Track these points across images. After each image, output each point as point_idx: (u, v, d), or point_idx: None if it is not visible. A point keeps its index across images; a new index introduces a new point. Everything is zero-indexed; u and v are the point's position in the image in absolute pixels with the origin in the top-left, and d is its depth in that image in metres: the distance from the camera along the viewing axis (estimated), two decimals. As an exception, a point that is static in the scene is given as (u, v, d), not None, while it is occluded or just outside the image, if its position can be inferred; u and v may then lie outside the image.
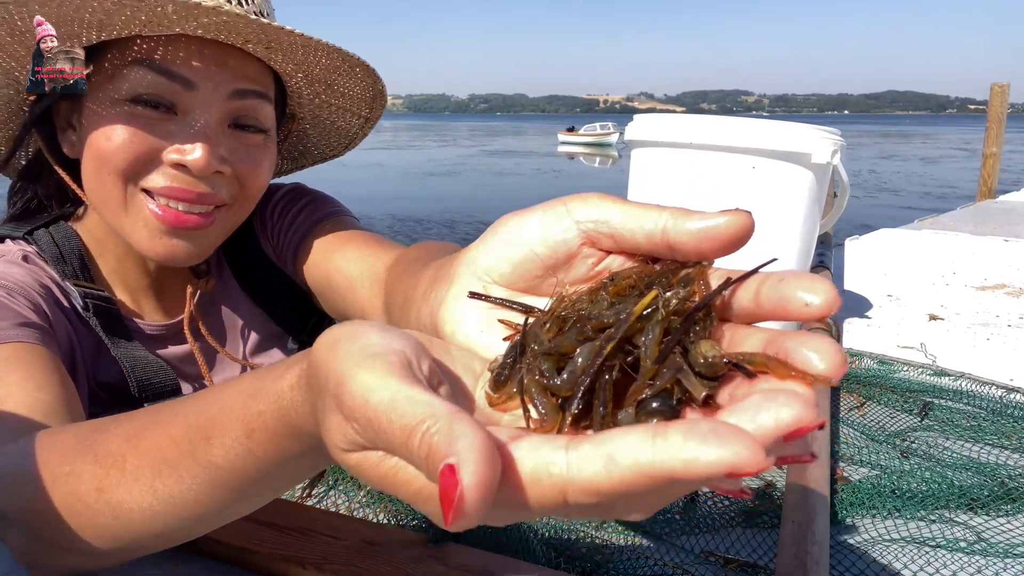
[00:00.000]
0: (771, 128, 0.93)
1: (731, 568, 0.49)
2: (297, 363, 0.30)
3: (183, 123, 0.60)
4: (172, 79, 0.59)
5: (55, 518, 0.40)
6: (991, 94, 7.07)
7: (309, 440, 0.31)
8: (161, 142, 0.59)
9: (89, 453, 0.40)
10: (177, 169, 0.60)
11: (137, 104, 0.58)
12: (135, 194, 0.60)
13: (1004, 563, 0.50)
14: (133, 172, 0.60)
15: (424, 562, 0.45)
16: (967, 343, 1.04)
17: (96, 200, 0.62)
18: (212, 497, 0.37)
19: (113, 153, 0.59)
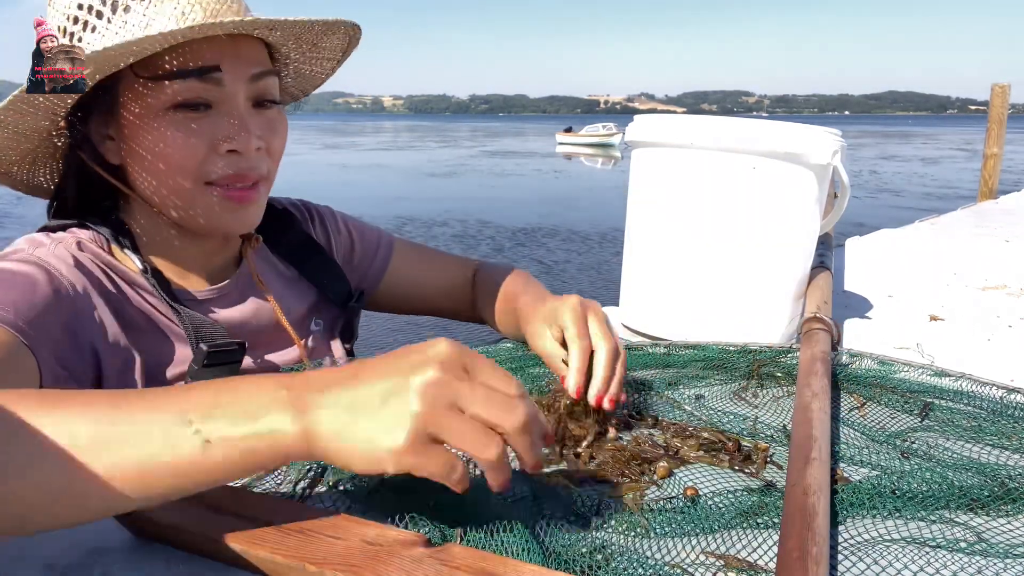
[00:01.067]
0: (772, 129, 0.93)
1: (731, 568, 0.49)
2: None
3: (220, 115, 0.70)
4: (205, 80, 0.68)
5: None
6: (992, 95, 7.07)
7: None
8: (211, 137, 0.70)
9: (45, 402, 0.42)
10: (231, 155, 0.71)
11: (179, 110, 0.68)
12: (200, 185, 0.71)
13: (1004, 563, 0.50)
14: (201, 171, 0.70)
15: (424, 562, 0.45)
16: (968, 343, 1.04)
17: (158, 196, 0.72)
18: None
19: (178, 158, 0.69)
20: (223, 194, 0.72)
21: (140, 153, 0.70)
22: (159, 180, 0.71)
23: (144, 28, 0.66)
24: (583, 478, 0.61)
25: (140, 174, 0.71)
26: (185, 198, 0.72)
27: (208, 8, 0.68)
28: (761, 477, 0.63)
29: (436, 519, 0.52)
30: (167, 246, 0.78)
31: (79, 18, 0.68)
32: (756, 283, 0.98)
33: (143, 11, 0.67)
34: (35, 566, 0.49)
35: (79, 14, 0.68)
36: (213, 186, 0.71)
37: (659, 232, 1.02)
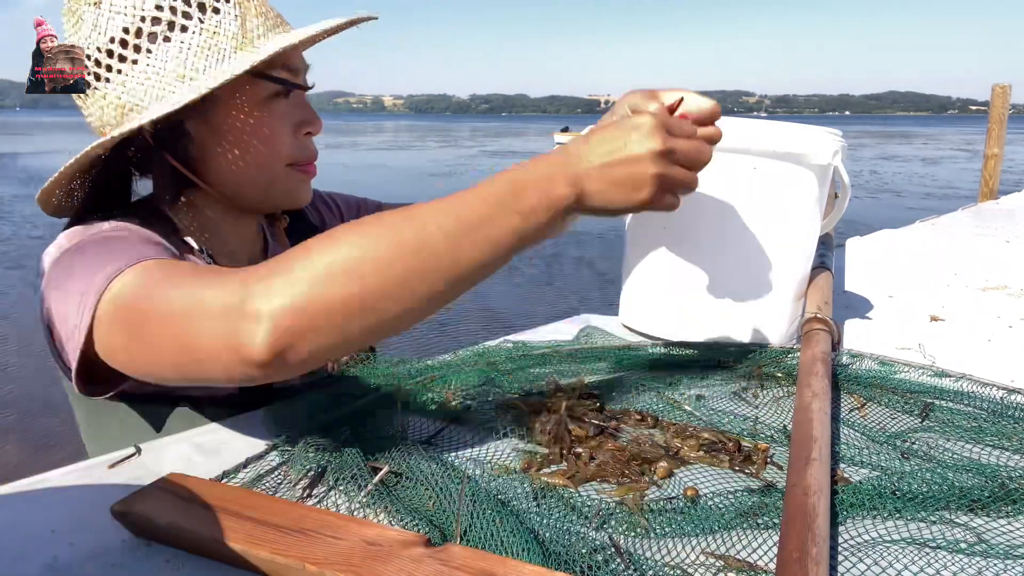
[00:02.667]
0: (772, 129, 0.93)
1: (731, 569, 0.49)
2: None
3: (295, 102, 0.80)
4: (293, 73, 0.78)
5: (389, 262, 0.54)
6: (992, 95, 7.06)
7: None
8: (293, 122, 0.79)
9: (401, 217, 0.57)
10: (307, 138, 0.81)
11: (273, 100, 0.77)
12: (285, 166, 0.80)
13: (1005, 564, 0.50)
14: (287, 153, 0.79)
15: (424, 562, 0.45)
16: (968, 344, 1.04)
17: (244, 180, 0.79)
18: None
19: (277, 143, 0.78)
20: (298, 170, 0.81)
21: (243, 141, 0.76)
22: (253, 165, 0.78)
23: (240, 28, 0.73)
24: (583, 478, 0.61)
25: (234, 161, 0.77)
26: (273, 178, 0.80)
27: (269, 7, 0.77)
28: (761, 477, 0.63)
29: (436, 519, 0.52)
30: (214, 230, 0.84)
31: (160, 19, 0.70)
32: (756, 283, 0.98)
33: (233, 12, 0.73)
34: (36, 566, 0.49)
35: (160, 15, 0.70)
36: (291, 166, 0.80)
37: (659, 232, 1.02)
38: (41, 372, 4.56)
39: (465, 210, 0.57)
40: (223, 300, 0.53)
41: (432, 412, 0.74)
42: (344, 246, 0.54)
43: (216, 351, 0.53)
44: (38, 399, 4.16)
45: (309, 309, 0.52)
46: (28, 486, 0.60)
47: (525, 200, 0.58)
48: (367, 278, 0.53)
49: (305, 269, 0.53)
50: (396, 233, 0.55)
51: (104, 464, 0.64)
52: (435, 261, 0.55)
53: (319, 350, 0.54)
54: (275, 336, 0.51)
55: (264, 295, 0.52)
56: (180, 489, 0.54)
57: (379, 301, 0.54)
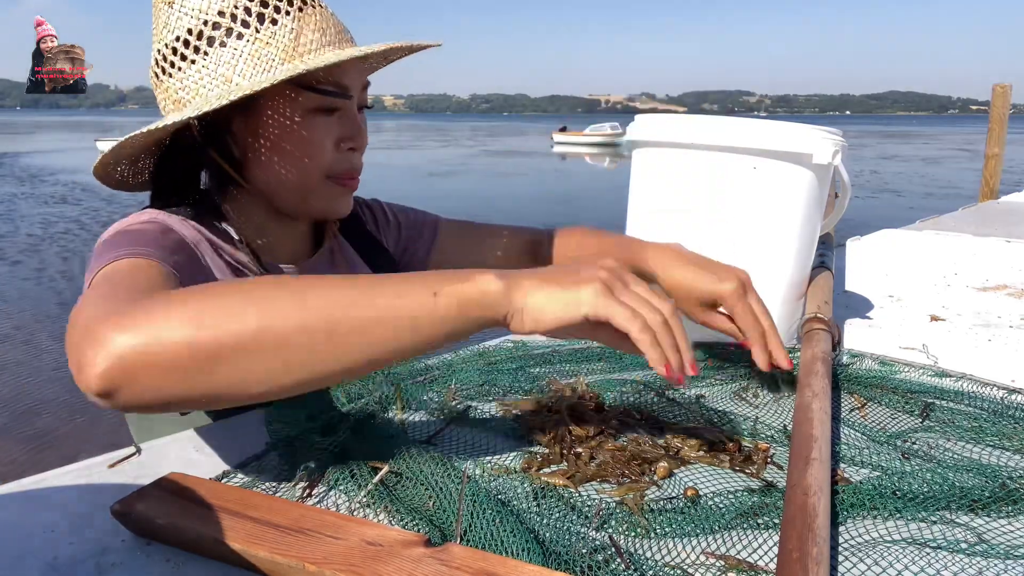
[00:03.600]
0: (772, 128, 0.93)
1: (731, 569, 0.49)
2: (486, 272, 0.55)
3: (344, 118, 0.82)
4: (343, 89, 0.80)
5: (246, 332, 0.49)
6: (993, 95, 7.05)
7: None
8: (337, 137, 0.81)
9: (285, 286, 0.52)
10: (349, 153, 0.83)
11: (318, 113, 0.79)
12: (323, 178, 0.82)
13: (1005, 564, 0.50)
14: (327, 165, 0.81)
15: (424, 562, 0.45)
16: (969, 344, 1.04)
17: (284, 186, 0.82)
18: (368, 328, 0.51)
19: (316, 154, 0.80)
20: (337, 183, 0.83)
21: (281, 147, 0.79)
22: (290, 172, 0.80)
23: (294, 41, 0.75)
24: (583, 478, 0.61)
25: (270, 166, 0.80)
26: (308, 188, 0.82)
27: (334, 24, 0.80)
28: (761, 477, 0.62)
29: (436, 519, 0.52)
30: (260, 227, 0.87)
31: (220, 24, 0.74)
32: (756, 283, 0.98)
33: (291, 25, 0.75)
34: (37, 565, 0.49)
35: (220, 20, 0.74)
36: (330, 179, 0.82)
37: (659, 231, 1.02)
38: (41, 370, 4.56)
39: (370, 280, 0.53)
40: (93, 314, 0.51)
41: (432, 412, 0.74)
42: (224, 292, 0.51)
43: (71, 364, 0.50)
44: (38, 398, 4.16)
45: (151, 348, 0.48)
46: (28, 486, 0.60)
47: (441, 282, 0.53)
48: (227, 331, 0.49)
49: (170, 308, 0.49)
50: (280, 291, 0.51)
51: (104, 464, 0.64)
52: (315, 321, 0.50)
53: (157, 394, 0.49)
54: (107, 368, 0.47)
55: (116, 324, 0.49)
56: (180, 489, 0.54)
57: (233, 359, 0.49)
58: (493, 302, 0.53)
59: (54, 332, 5.31)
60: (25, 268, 7.52)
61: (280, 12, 0.75)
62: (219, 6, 0.75)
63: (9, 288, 6.77)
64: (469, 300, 0.53)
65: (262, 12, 0.75)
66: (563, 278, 0.55)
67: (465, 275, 0.54)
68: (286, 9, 0.76)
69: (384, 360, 0.53)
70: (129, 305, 0.51)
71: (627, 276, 0.58)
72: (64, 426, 3.78)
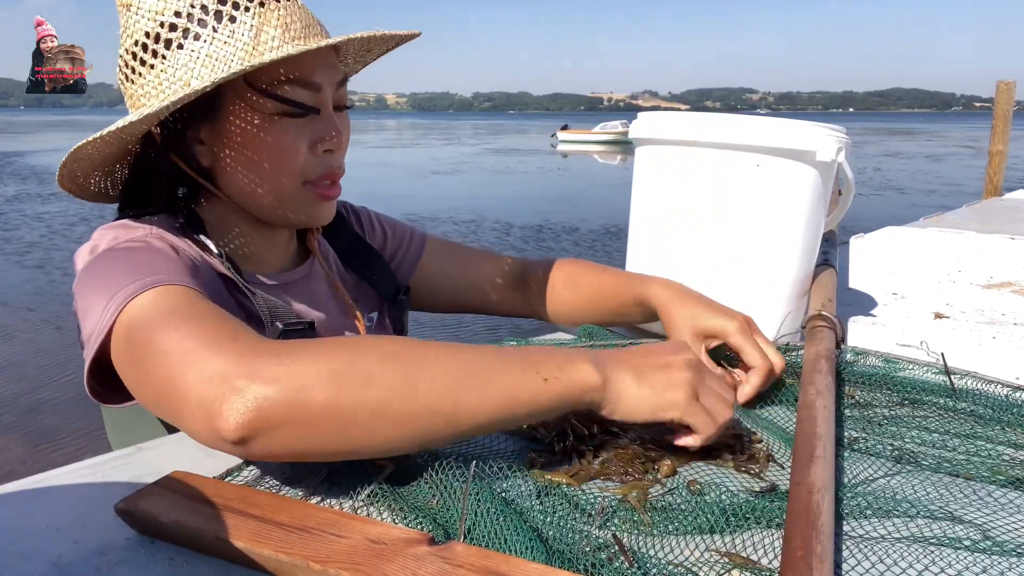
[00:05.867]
0: (776, 126, 0.92)
1: (735, 566, 0.49)
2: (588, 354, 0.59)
3: (317, 119, 0.76)
4: (311, 89, 0.75)
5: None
6: (997, 91, 7.04)
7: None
8: (310, 140, 0.76)
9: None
10: (326, 155, 0.78)
11: (285, 116, 0.74)
12: (299, 184, 0.78)
13: (1009, 562, 0.50)
14: (301, 171, 0.77)
15: (428, 560, 0.45)
16: (973, 341, 1.04)
17: (255, 194, 0.78)
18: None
19: (286, 161, 0.76)
20: (315, 192, 0.79)
21: (247, 155, 0.75)
22: (261, 180, 0.77)
23: (254, 39, 0.70)
24: (587, 476, 0.61)
25: (238, 174, 0.77)
26: (283, 196, 0.78)
27: (302, 19, 0.74)
28: (765, 476, 0.62)
29: (440, 517, 0.52)
30: (239, 237, 0.83)
31: (177, 25, 0.70)
32: (760, 280, 0.98)
33: (250, 22, 0.71)
34: (40, 564, 0.49)
35: (177, 21, 0.70)
36: (308, 185, 0.78)
37: (662, 229, 1.02)
38: (43, 370, 4.57)
39: (482, 356, 0.56)
40: (219, 363, 0.52)
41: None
42: (359, 355, 0.53)
43: (192, 408, 0.52)
44: (43, 398, 4.17)
45: (295, 406, 0.50)
46: (32, 484, 0.60)
47: (547, 365, 0.57)
48: (364, 399, 0.51)
49: (310, 366, 0.51)
50: (406, 365, 0.53)
51: (107, 462, 0.64)
52: (440, 399, 0.53)
53: (288, 448, 0.52)
54: (249, 419, 0.50)
55: (258, 376, 0.50)
56: (184, 487, 0.54)
57: (366, 424, 0.51)
58: (594, 394, 0.58)
59: (57, 332, 5.32)
60: (28, 267, 7.54)
61: (239, 9, 0.71)
62: (175, 6, 0.71)
63: (12, 287, 6.79)
64: (572, 389, 0.57)
65: (220, 10, 0.70)
66: (655, 376, 0.59)
67: (569, 361, 0.58)
68: (245, 5, 0.71)
69: (488, 432, 0.57)
70: (253, 355, 0.52)
71: (706, 373, 0.62)
72: (68, 425, 3.79)
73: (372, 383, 0.52)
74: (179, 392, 0.53)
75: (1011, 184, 6.62)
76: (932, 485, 0.60)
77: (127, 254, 0.67)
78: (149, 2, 0.71)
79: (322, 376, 0.51)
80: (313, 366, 0.51)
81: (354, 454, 0.53)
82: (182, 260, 0.70)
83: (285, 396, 0.50)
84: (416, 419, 0.52)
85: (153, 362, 0.55)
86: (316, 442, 0.51)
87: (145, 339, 0.57)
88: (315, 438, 0.51)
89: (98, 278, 0.65)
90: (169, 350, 0.54)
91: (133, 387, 0.59)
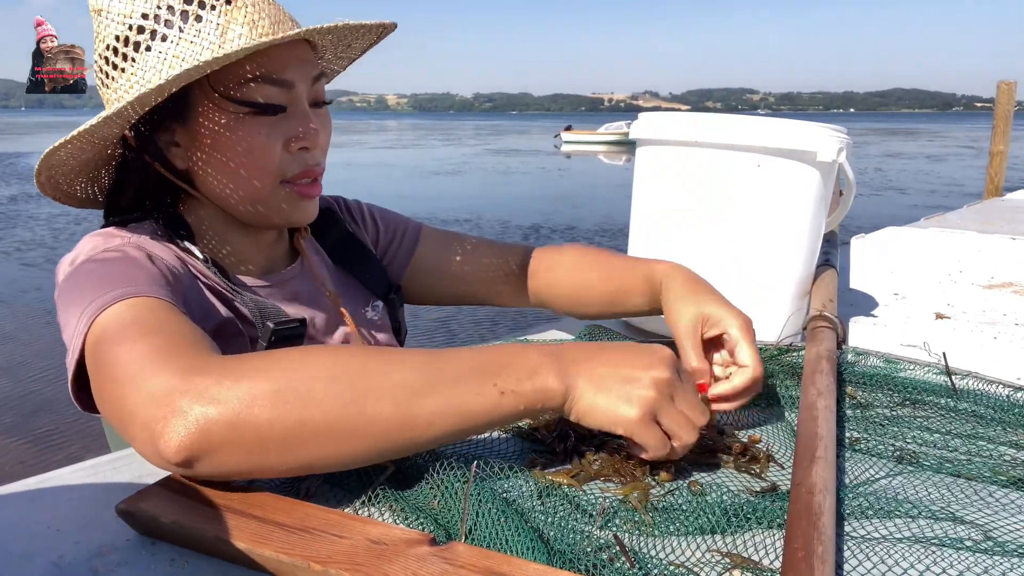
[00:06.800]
0: (776, 126, 0.92)
1: (736, 567, 0.49)
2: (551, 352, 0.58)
3: (290, 117, 0.75)
4: (282, 86, 0.73)
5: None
6: (998, 92, 7.04)
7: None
8: (284, 138, 0.75)
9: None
10: (301, 153, 0.76)
11: (256, 115, 0.73)
12: (276, 184, 0.76)
13: (1011, 563, 0.50)
14: (278, 171, 0.75)
15: (429, 561, 0.45)
16: (974, 341, 1.04)
17: (232, 196, 0.77)
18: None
19: (260, 161, 0.74)
20: (293, 190, 0.77)
21: (218, 158, 0.74)
22: (236, 182, 0.75)
23: (220, 37, 0.69)
24: (587, 476, 0.61)
25: (213, 177, 0.76)
26: (260, 197, 0.77)
27: (271, 15, 0.73)
28: (766, 476, 0.62)
29: (441, 518, 0.52)
30: (224, 240, 0.82)
31: (145, 27, 0.70)
32: (761, 281, 0.98)
33: (216, 20, 0.70)
34: (41, 564, 0.49)
35: (144, 23, 0.70)
36: (285, 184, 0.77)
37: (663, 230, 1.02)
38: (45, 371, 4.57)
39: (437, 366, 0.55)
40: (162, 383, 0.51)
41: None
42: (304, 371, 0.52)
43: (137, 430, 0.51)
44: (45, 399, 4.17)
45: (236, 427, 0.49)
46: (33, 485, 0.60)
47: (506, 377, 0.55)
48: (307, 417, 0.50)
49: (253, 385, 0.50)
50: (358, 376, 0.52)
51: (108, 463, 0.64)
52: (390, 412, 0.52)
53: (235, 467, 0.51)
54: (191, 440, 0.49)
55: (199, 396, 0.50)
56: (185, 488, 0.54)
57: (312, 441, 0.51)
58: (552, 402, 0.57)
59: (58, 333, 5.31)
60: (30, 268, 7.55)
61: (205, 8, 0.70)
62: (143, 8, 0.70)
63: (14, 288, 6.80)
64: (532, 403, 0.56)
65: (186, 10, 0.69)
66: (616, 388, 0.57)
67: (532, 373, 0.56)
68: (212, 4, 0.70)
69: (445, 443, 0.56)
70: (197, 373, 0.51)
71: (677, 391, 0.59)
72: (70, 426, 3.79)
73: (315, 401, 0.50)
74: (127, 411, 0.52)
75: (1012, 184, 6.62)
76: (933, 486, 0.60)
77: (101, 266, 0.67)
78: (118, 6, 0.71)
79: (265, 395, 0.50)
80: (258, 385, 0.50)
81: (308, 469, 0.52)
82: (158, 268, 0.69)
83: (226, 417, 0.49)
84: (365, 435, 0.51)
85: (107, 378, 0.55)
86: (264, 460, 0.51)
87: (103, 355, 0.57)
88: (261, 457, 0.50)
89: (73, 291, 0.65)
90: (121, 368, 0.54)
91: (97, 402, 0.59)
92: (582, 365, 0.58)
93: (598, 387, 0.57)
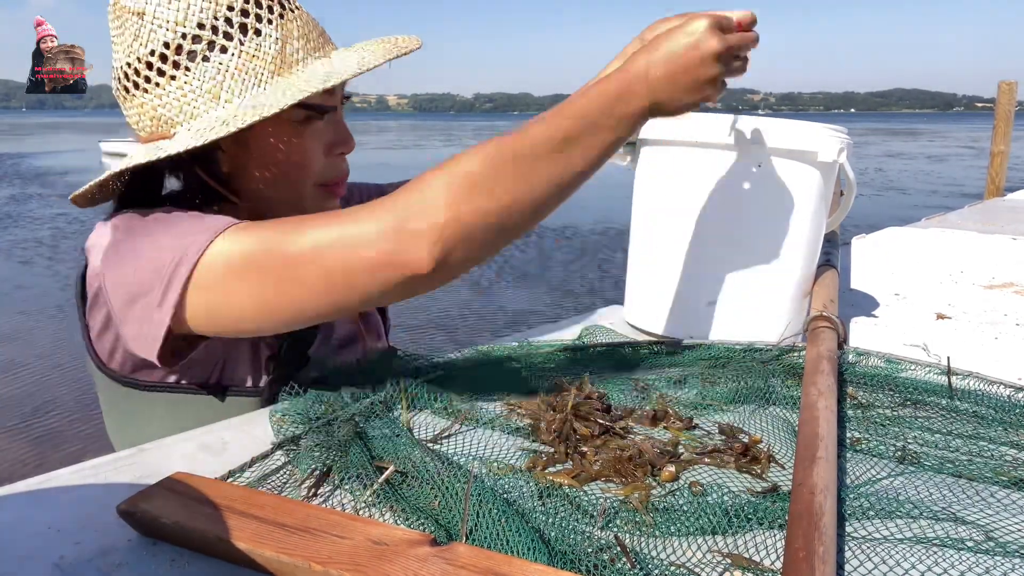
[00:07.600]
0: (777, 126, 0.92)
1: (737, 567, 0.49)
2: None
3: (329, 123, 0.79)
4: (330, 92, 0.77)
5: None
6: (999, 92, 7.03)
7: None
8: (329, 143, 0.80)
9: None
10: (339, 158, 0.82)
11: (305, 123, 0.77)
12: (315, 186, 0.80)
13: (1013, 563, 0.50)
14: (319, 174, 0.80)
15: (430, 561, 0.45)
16: (975, 342, 1.04)
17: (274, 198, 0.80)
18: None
19: (308, 165, 0.78)
20: (326, 191, 0.82)
21: (265, 163, 0.77)
22: (278, 185, 0.79)
23: (279, 51, 0.73)
24: (588, 477, 0.61)
25: (256, 181, 0.78)
26: (296, 198, 0.80)
27: (315, 26, 0.77)
28: (767, 477, 0.62)
29: (441, 518, 0.52)
30: None
31: (201, 37, 0.70)
32: (762, 281, 0.98)
33: (275, 35, 0.73)
34: (42, 565, 0.49)
35: (201, 33, 0.70)
36: (319, 186, 0.81)
37: (664, 230, 1.02)
38: (46, 372, 4.58)
39: (565, 126, 0.65)
40: (379, 226, 0.60)
41: (437, 411, 0.74)
42: (474, 165, 0.62)
43: (376, 270, 0.61)
44: (46, 399, 4.17)
45: (461, 220, 0.60)
46: (34, 485, 0.60)
47: (612, 116, 0.66)
48: (497, 189, 0.62)
49: (448, 188, 0.61)
50: (512, 151, 0.63)
51: (109, 463, 0.64)
52: (547, 171, 0.64)
53: (470, 255, 0.62)
54: (438, 247, 0.60)
55: (421, 215, 0.60)
56: (185, 488, 0.54)
57: (508, 207, 0.62)
58: (643, 115, 0.68)
59: (62, 333, 5.32)
60: (31, 268, 7.55)
61: (262, 21, 0.72)
62: (198, 18, 0.70)
63: (16, 289, 6.80)
64: (635, 124, 0.68)
65: (244, 23, 0.71)
66: (690, 83, 0.68)
67: (626, 109, 0.67)
68: (267, 18, 0.72)
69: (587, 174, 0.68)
70: (406, 201, 0.62)
71: (726, 42, 0.68)
72: (71, 427, 3.79)
73: (518, 185, 0.63)
74: (355, 268, 0.61)
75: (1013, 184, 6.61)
76: (935, 486, 0.60)
77: (166, 216, 0.69)
78: (167, 12, 0.70)
79: (472, 186, 0.61)
80: (452, 183, 0.61)
81: (513, 231, 0.65)
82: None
83: (453, 216, 0.60)
84: (546, 202, 0.65)
85: (307, 264, 0.62)
86: (487, 237, 0.62)
87: (280, 253, 0.63)
88: (486, 233, 0.62)
89: (140, 249, 0.66)
90: (321, 246, 0.62)
91: (268, 308, 0.64)
92: (655, 76, 0.67)
93: (677, 92, 0.68)
